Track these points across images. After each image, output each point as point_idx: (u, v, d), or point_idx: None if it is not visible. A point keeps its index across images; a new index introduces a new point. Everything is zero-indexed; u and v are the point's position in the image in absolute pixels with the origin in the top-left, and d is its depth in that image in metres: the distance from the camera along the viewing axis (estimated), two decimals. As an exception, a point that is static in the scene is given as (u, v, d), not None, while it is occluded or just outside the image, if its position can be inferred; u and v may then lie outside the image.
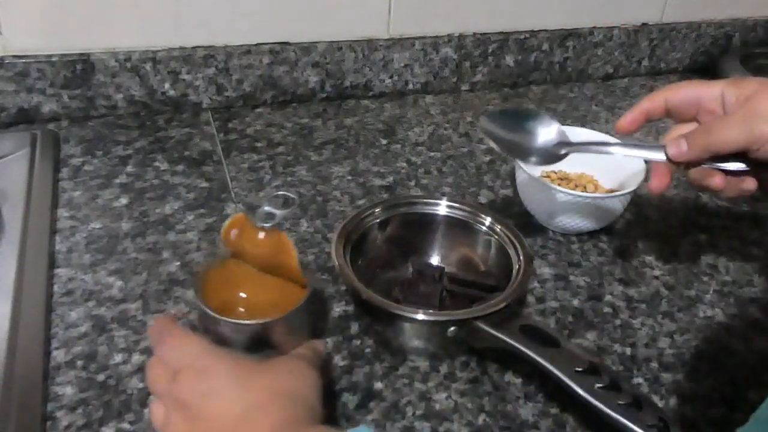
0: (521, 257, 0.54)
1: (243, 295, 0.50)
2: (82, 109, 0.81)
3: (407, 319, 0.49)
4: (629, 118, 0.53)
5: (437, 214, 0.60)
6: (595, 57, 1.04)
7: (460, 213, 0.59)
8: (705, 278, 0.64)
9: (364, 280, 0.52)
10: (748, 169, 0.47)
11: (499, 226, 0.57)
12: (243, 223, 0.50)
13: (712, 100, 0.50)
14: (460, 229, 0.59)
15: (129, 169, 0.73)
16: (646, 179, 0.65)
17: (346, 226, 0.56)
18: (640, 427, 0.41)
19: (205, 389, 0.38)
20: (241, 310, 0.49)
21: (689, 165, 0.49)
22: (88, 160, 0.74)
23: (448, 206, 0.60)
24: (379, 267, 0.58)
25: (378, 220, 0.58)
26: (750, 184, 0.48)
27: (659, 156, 0.49)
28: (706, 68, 1.11)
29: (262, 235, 0.50)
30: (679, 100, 0.51)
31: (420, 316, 0.48)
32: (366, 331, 0.54)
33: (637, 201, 0.73)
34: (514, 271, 0.53)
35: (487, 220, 0.58)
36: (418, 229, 0.60)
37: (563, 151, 0.55)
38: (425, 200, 0.60)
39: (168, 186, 0.70)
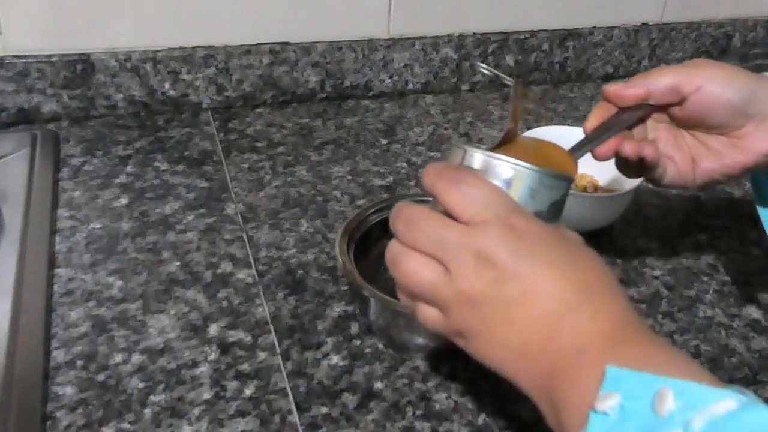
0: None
1: None
2: (82, 109, 0.81)
3: (411, 315, 0.49)
4: (595, 116, 0.50)
5: None
6: (595, 57, 1.04)
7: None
8: (705, 278, 0.64)
9: (366, 278, 0.52)
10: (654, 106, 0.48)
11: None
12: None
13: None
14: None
15: (129, 169, 0.73)
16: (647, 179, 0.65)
17: (350, 224, 0.56)
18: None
19: (527, 250, 0.33)
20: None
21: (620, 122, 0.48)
22: (88, 160, 0.74)
23: None
24: (383, 266, 0.58)
25: (381, 219, 0.58)
26: (649, 151, 0.47)
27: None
28: (706, 68, 1.11)
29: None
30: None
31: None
32: (366, 331, 0.54)
33: (637, 201, 0.73)
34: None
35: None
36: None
37: None
38: (428, 199, 0.60)
39: (168, 186, 0.70)
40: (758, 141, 0.46)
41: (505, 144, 0.42)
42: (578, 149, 0.47)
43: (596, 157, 0.48)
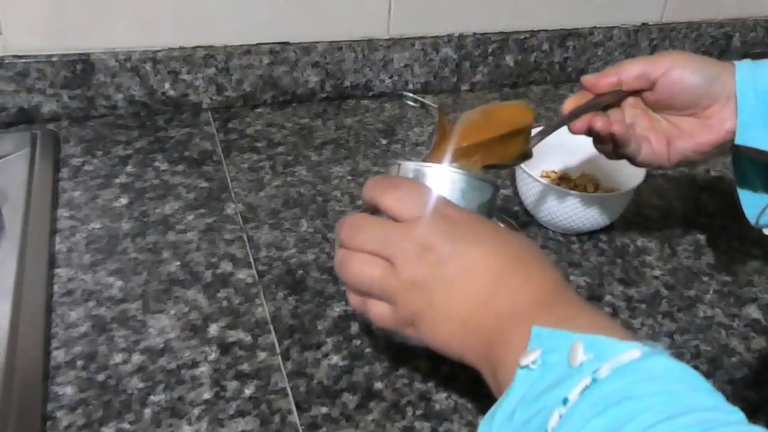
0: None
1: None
2: (82, 109, 0.81)
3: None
4: (571, 101, 0.54)
5: None
6: (595, 57, 1.04)
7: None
8: (705, 278, 0.64)
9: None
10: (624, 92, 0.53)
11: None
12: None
13: None
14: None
15: (129, 169, 0.73)
16: (647, 179, 0.65)
17: None
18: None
19: (461, 233, 0.37)
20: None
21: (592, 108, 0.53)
22: (88, 160, 0.74)
23: None
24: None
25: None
26: (618, 127, 0.52)
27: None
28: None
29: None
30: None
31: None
32: (366, 331, 0.54)
33: (637, 201, 0.73)
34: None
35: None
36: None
37: None
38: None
39: (168, 186, 0.70)
40: (724, 120, 0.51)
41: (442, 146, 0.46)
42: (555, 126, 0.52)
43: (571, 131, 0.53)
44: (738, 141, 0.51)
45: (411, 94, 0.57)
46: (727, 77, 0.50)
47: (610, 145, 0.54)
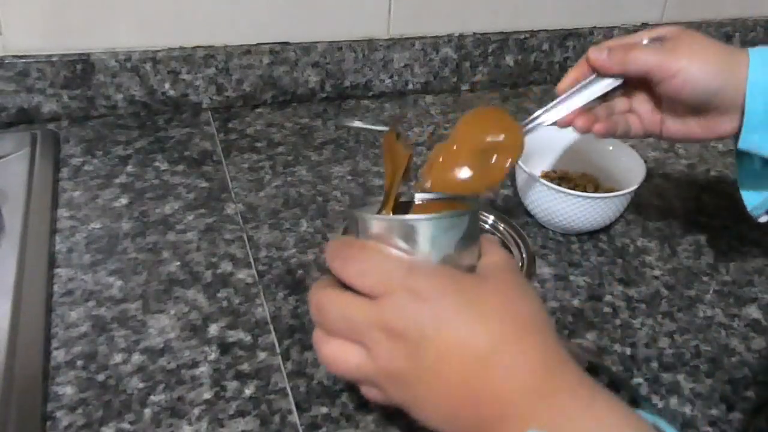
0: (524, 255, 0.54)
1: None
2: (82, 109, 0.81)
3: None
4: (569, 77, 0.53)
5: None
6: (595, 57, 1.04)
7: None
8: (705, 278, 0.64)
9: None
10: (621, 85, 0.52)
11: (502, 225, 0.58)
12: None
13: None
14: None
15: (129, 169, 0.73)
16: (647, 179, 0.65)
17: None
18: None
19: (430, 315, 0.31)
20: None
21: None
22: (88, 160, 0.74)
23: None
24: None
25: None
26: (599, 128, 0.52)
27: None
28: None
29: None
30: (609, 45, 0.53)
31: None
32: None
33: (637, 201, 0.73)
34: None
35: (490, 219, 0.58)
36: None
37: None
38: None
39: (168, 186, 0.70)
40: (720, 124, 0.51)
41: (396, 178, 0.42)
42: (538, 117, 0.51)
43: (557, 125, 0.52)
44: (741, 146, 0.50)
45: (356, 121, 0.53)
46: (738, 80, 0.49)
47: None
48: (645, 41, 0.52)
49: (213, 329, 0.53)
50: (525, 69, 1.00)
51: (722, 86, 0.49)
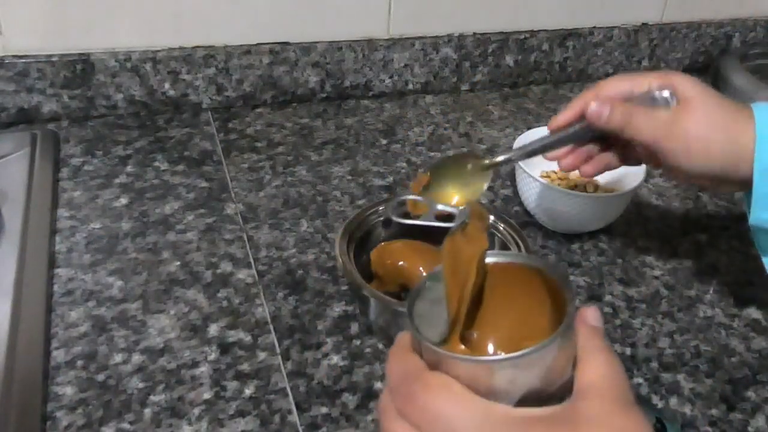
0: (523, 256, 0.54)
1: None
2: (82, 109, 0.81)
3: None
4: (563, 117, 0.52)
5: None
6: (595, 57, 1.04)
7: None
8: (705, 278, 0.64)
9: (367, 278, 0.52)
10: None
11: (502, 225, 0.58)
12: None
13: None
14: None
15: (129, 169, 0.73)
16: (647, 179, 0.65)
17: (350, 224, 0.56)
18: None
19: None
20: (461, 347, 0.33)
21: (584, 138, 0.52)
22: (88, 160, 0.74)
23: None
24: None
25: (382, 218, 0.58)
26: (586, 170, 0.53)
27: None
28: (706, 68, 1.11)
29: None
30: (611, 95, 0.50)
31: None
32: (366, 331, 0.54)
33: (637, 201, 0.73)
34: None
35: (490, 219, 0.58)
36: (421, 227, 0.60)
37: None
38: None
39: (168, 186, 0.70)
40: (724, 186, 0.50)
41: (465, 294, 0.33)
42: (532, 152, 0.53)
43: (545, 157, 0.53)
44: (753, 222, 0.49)
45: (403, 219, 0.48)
46: (744, 156, 0.45)
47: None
48: (654, 92, 0.49)
49: (213, 329, 0.53)
50: (525, 69, 1.00)
51: (725, 165, 0.46)
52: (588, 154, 0.52)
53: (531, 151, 0.53)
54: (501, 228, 0.57)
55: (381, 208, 0.58)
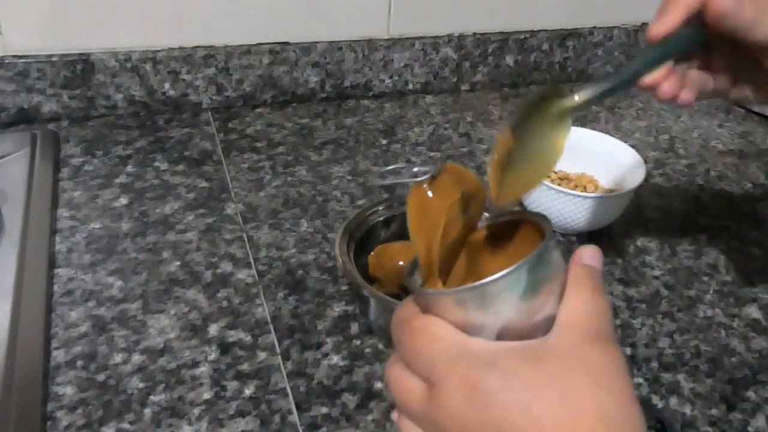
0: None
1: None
2: (82, 109, 0.81)
3: None
4: (670, 19, 0.40)
5: None
6: (595, 57, 1.04)
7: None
8: (705, 278, 0.64)
9: (367, 278, 0.52)
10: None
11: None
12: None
13: None
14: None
15: (129, 169, 0.73)
16: (647, 179, 0.65)
17: (350, 224, 0.56)
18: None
19: (477, 415, 0.27)
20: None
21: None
22: (88, 160, 0.74)
23: None
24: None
25: (381, 218, 0.58)
26: (685, 97, 0.43)
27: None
28: (706, 68, 1.11)
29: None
30: None
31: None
32: (366, 331, 0.54)
33: (637, 201, 0.73)
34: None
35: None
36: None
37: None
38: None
39: (168, 186, 0.70)
40: None
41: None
42: (635, 75, 0.41)
43: (640, 87, 0.42)
44: None
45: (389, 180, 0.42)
46: None
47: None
48: None
49: (213, 329, 0.53)
50: (525, 69, 1.00)
51: None
52: (683, 74, 0.43)
53: (628, 77, 0.41)
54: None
55: (381, 208, 0.58)
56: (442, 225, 0.34)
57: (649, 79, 0.41)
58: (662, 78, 0.41)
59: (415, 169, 0.35)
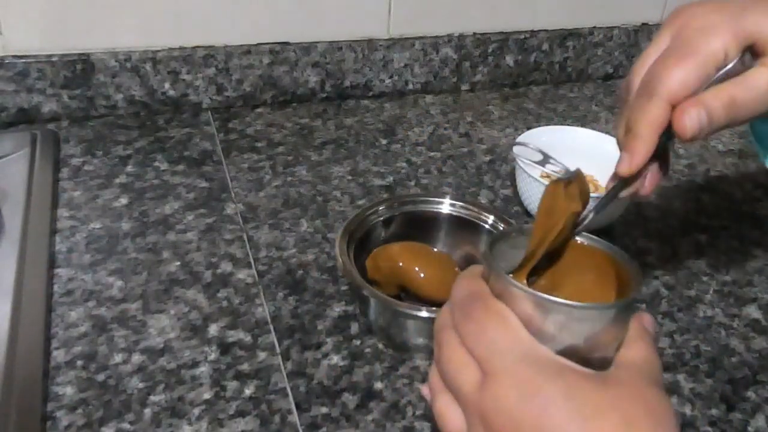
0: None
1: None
2: (82, 109, 0.81)
3: (410, 316, 0.49)
4: (641, 154, 0.39)
5: (440, 213, 0.60)
6: (595, 57, 1.04)
7: (464, 211, 0.59)
8: (705, 278, 0.64)
9: (367, 278, 0.52)
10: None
11: (502, 225, 0.58)
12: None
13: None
14: (463, 227, 0.59)
15: (129, 169, 0.73)
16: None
17: (350, 224, 0.56)
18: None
19: (530, 420, 0.28)
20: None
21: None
22: (88, 160, 0.74)
23: (452, 205, 0.60)
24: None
25: (381, 218, 0.58)
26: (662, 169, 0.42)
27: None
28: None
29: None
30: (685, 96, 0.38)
31: (423, 314, 0.48)
32: (366, 331, 0.54)
33: (637, 201, 0.73)
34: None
35: (490, 219, 0.58)
36: (421, 227, 0.60)
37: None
38: (429, 198, 0.60)
39: (168, 186, 0.70)
40: None
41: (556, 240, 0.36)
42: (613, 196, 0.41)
43: (645, 194, 0.42)
44: None
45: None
46: None
47: None
48: (733, 57, 0.37)
49: (213, 329, 0.53)
50: (525, 69, 1.00)
51: None
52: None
53: (606, 201, 0.43)
54: (501, 228, 0.57)
55: (381, 208, 0.58)
56: (560, 226, 0.36)
57: (628, 192, 0.41)
58: (640, 184, 0.41)
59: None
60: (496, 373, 0.29)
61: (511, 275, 0.33)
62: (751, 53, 0.38)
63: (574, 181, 0.36)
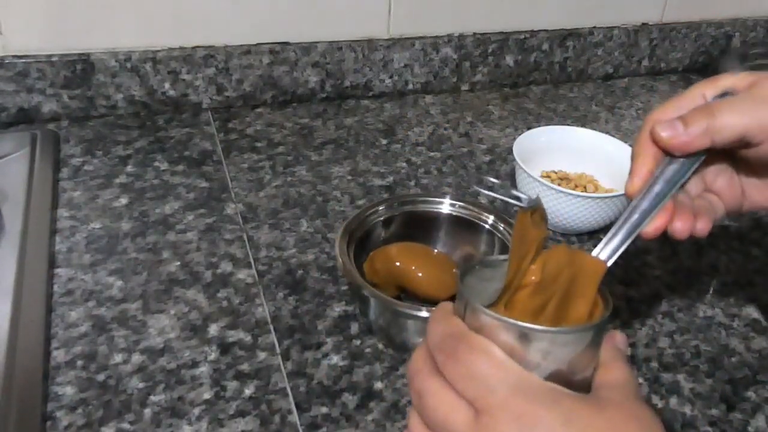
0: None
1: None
2: (82, 109, 0.81)
3: (410, 316, 0.49)
4: (639, 174, 0.41)
5: (441, 213, 0.60)
6: (595, 57, 1.04)
7: (464, 211, 0.59)
8: (705, 278, 0.64)
9: (366, 278, 0.52)
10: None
11: (502, 225, 0.58)
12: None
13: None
14: (463, 227, 0.59)
15: (129, 169, 0.73)
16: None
17: (350, 224, 0.56)
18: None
19: None
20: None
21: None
22: (88, 160, 0.74)
23: (452, 204, 0.60)
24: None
25: (381, 218, 0.58)
26: (702, 227, 0.41)
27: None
28: (706, 68, 1.12)
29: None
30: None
31: (423, 313, 0.48)
32: (366, 331, 0.54)
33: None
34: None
35: (490, 219, 0.58)
36: (421, 227, 0.60)
37: None
38: (429, 198, 0.60)
39: (168, 186, 0.70)
40: None
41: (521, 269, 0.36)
42: (620, 241, 0.41)
43: (645, 238, 0.41)
44: None
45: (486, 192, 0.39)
46: None
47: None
48: (710, 98, 0.40)
49: (213, 329, 0.53)
50: (525, 69, 1.00)
51: None
52: (692, 206, 0.41)
53: (627, 235, 0.41)
54: (501, 228, 0.57)
55: (381, 208, 0.58)
56: (533, 253, 0.36)
57: (651, 228, 0.40)
58: (667, 221, 0.40)
59: (514, 192, 0.36)
60: (490, 408, 0.29)
61: (489, 308, 0.32)
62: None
63: (537, 209, 0.37)
